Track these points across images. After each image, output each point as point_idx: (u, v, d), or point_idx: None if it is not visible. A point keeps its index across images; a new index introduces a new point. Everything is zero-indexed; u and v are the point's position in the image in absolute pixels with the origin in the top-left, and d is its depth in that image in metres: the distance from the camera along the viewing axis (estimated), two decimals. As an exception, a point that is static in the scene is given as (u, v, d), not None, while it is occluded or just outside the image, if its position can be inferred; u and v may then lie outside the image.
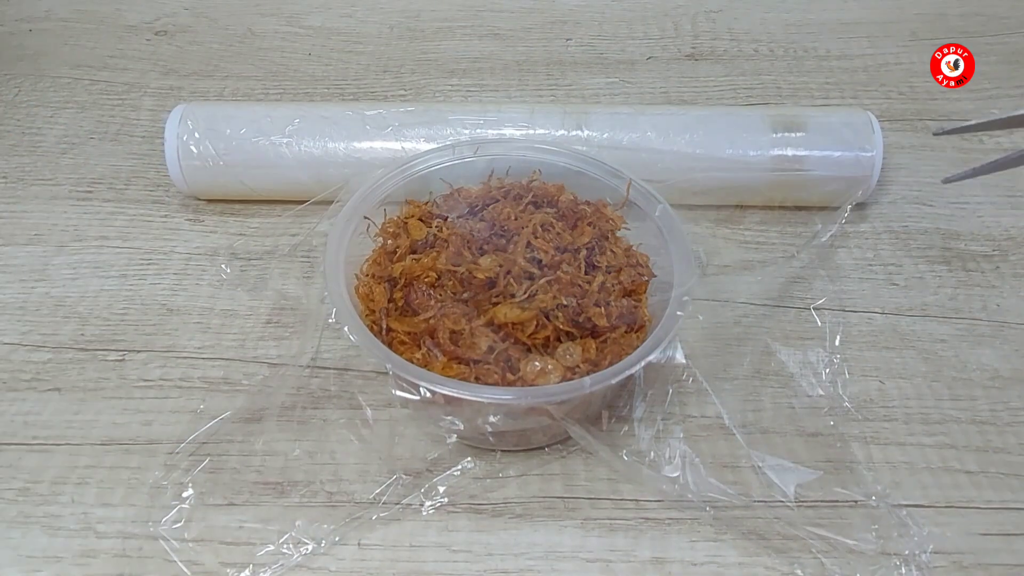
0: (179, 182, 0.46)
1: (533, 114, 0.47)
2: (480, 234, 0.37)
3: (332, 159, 0.46)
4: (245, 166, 0.46)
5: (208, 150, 0.45)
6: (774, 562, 0.32)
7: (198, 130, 0.46)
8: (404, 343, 0.34)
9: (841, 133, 0.45)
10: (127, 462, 0.36)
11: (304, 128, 0.46)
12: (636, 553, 0.33)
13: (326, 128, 0.46)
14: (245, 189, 0.47)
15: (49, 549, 0.33)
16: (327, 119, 0.46)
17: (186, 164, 0.46)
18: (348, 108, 0.47)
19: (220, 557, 0.32)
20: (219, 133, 0.46)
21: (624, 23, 0.65)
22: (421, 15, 0.66)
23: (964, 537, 0.33)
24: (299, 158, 0.46)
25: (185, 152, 0.45)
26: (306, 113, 0.47)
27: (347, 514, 0.34)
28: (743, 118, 0.46)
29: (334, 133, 0.46)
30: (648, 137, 0.45)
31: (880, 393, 0.39)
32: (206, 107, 0.47)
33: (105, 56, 0.61)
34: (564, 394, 0.31)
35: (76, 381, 0.39)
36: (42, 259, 0.45)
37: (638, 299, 0.36)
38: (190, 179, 0.46)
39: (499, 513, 0.34)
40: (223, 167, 0.46)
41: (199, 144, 0.45)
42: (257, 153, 0.46)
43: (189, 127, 0.46)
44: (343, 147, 0.46)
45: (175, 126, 0.46)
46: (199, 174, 0.46)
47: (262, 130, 0.46)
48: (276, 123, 0.46)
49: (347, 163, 0.46)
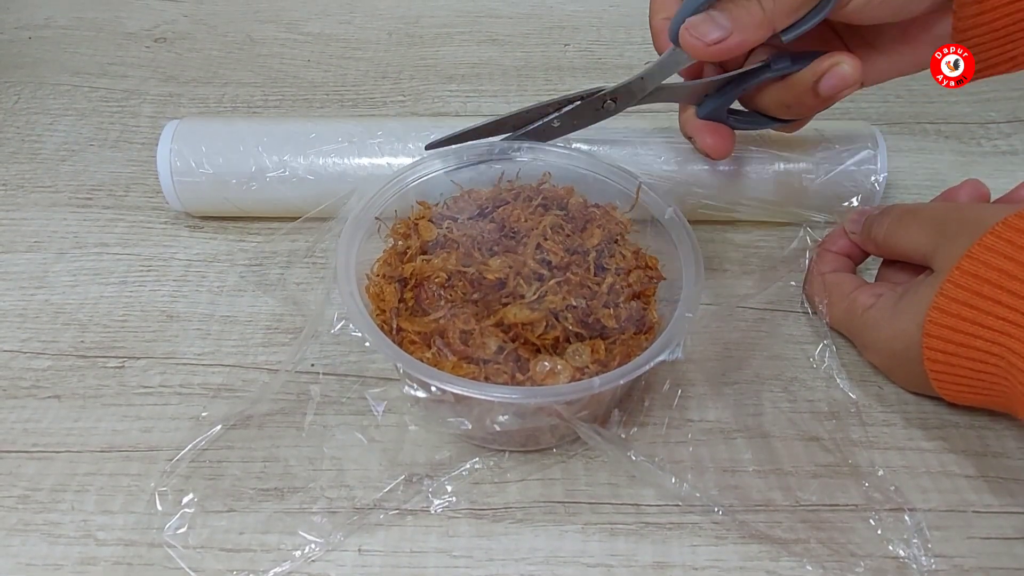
0: (172, 200, 0.46)
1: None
2: (490, 235, 0.37)
3: (328, 175, 0.45)
4: (238, 185, 0.45)
5: (201, 169, 0.44)
6: (775, 566, 0.32)
7: (190, 149, 0.44)
8: (414, 343, 0.34)
9: (844, 158, 0.45)
10: (127, 469, 0.36)
11: (300, 146, 0.45)
12: (637, 557, 0.33)
13: (322, 145, 0.45)
14: (236, 208, 0.46)
15: (49, 557, 0.33)
16: (317, 137, 0.45)
17: (179, 181, 0.45)
18: (342, 122, 0.47)
19: (222, 563, 0.32)
20: (212, 151, 0.45)
21: (622, 28, 0.65)
22: (419, 21, 0.66)
23: (964, 541, 0.33)
24: (296, 177, 0.45)
25: (178, 170, 0.44)
26: (301, 129, 0.46)
27: (348, 519, 0.34)
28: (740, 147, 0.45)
29: (328, 150, 0.45)
30: (640, 156, 0.45)
31: (879, 397, 0.39)
32: (199, 123, 0.46)
33: (105, 63, 0.61)
34: (573, 394, 0.32)
35: (76, 388, 0.39)
36: (42, 266, 0.45)
37: (647, 301, 0.36)
38: (183, 197, 0.45)
39: (500, 518, 0.34)
40: (215, 185, 0.45)
41: (192, 162, 0.44)
42: (249, 172, 0.45)
43: (180, 146, 0.44)
44: (339, 163, 0.45)
45: (168, 143, 0.45)
46: (192, 191, 0.45)
47: (255, 149, 0.45)
48: (272, 142, 0.45)
49: (344, 179, 0.45)
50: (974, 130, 0.54)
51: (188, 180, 0.45)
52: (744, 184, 0.45)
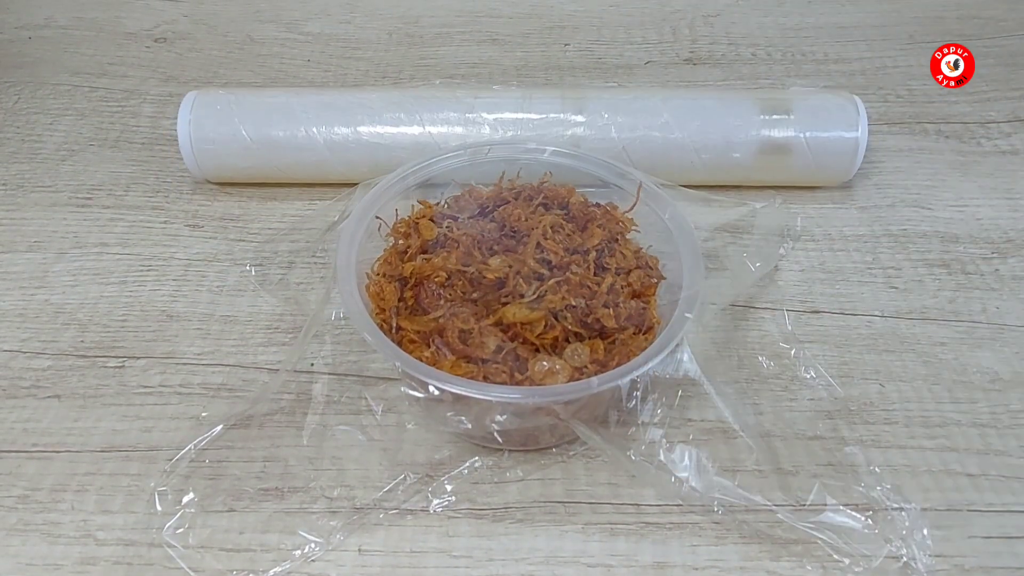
0: (191, 164, 0.48)
1: (531, 99, 0.47)
2: (490, 235, 0.37)
3: (350, 142, 0.47)
4: (262, 146, 0.47)
5: (224, 132, 0.47)
6: (776, 566, 0.32)
7: (212, 112, 0.47)
8: (414, 342, 0.34)
9: (827, 114, 0.47)
10: (127, 469, 0.36)
11: (319, 115, 0.47)
12: (637, 558, 0.33)
13: (339, 115, 0.47)
14: (259, 171, 0.48)
15: (49, 557, 0.33)
16: (330, 105, 0.48)
17: (199, 147, 0.47)
18: (348, 93, 0.49)
19: (222, 563, 0.32)
20: (234, 115, 0.47)
21: (622, 28, 0.65)
22: (420, 21, 0.66)
23: (966, 540, 0.33)
24: (319, 140, 0.47)
25: (198, 134, 0.47)
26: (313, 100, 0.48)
27: (348, 519, 0.34)
28: (733, 103, 0.48)
29: (346, 119, 0.47)
30: (641, 122, 0.47)
31: (880, 396, 0.39)
32: (219, 92, 0.49)
33: (105, 63, 0.61)
34: (571, 394, 0.31)
35: (76, 388, 0.39)
36: (42, 266, 0.45)
37: (647, 301, 0.36)
38: (201, 161, 0.48)
39: (500, 518, 0.34)
40: (237, 149, 0.47)
41: (214, 127, 0.47)
42: (274, 132, 0.47)
43: (201, 111, 0.47)
44: (354, 131, 0.47)
45: (188, 110, 0.47)
46: (211, 156, 0.47)
47: (279, 113, 0.47)
48: (294, 107, 0.47)
49: (361, 146, 0.47)
50: (974, 130, 0.54)
51: (208, 147, 0.47)
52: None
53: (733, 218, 0.46)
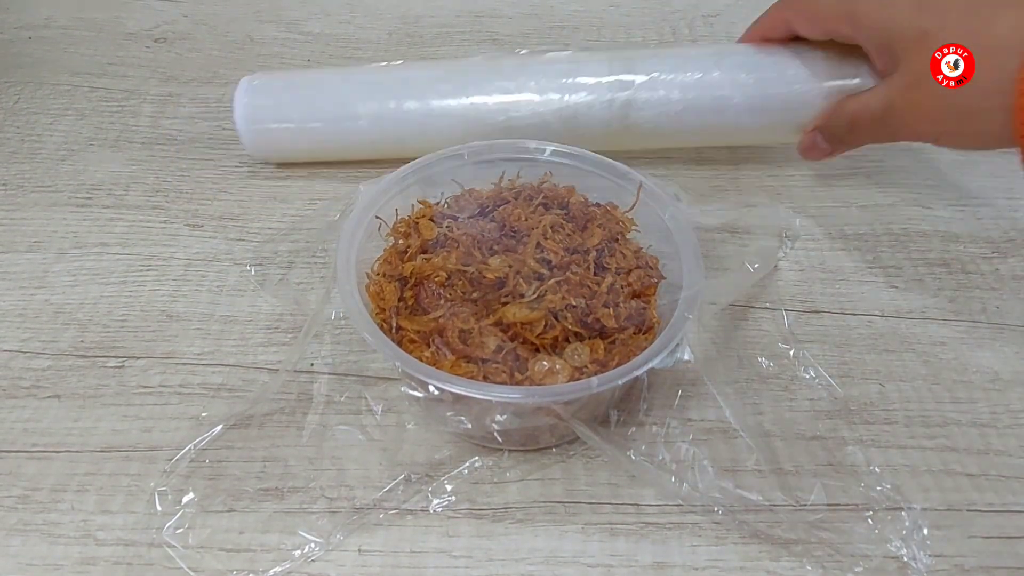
0: (248, 143, 0.49)
1: (578, 63, 0.47)
2: (490, 234, 0.37)
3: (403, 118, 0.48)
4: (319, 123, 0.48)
5: (279, 114, 0.48)
6: (776, 566, 0.32)
7: (267, 93, 0.49)
8: (414, 341, 0.34)
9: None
10: (127, 469, 0.36)
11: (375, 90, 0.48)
12: (637, 558, 0.33)
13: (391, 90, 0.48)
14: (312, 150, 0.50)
15: (49, 557, 0.33)
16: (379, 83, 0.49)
17: (255, 128, 0.48)
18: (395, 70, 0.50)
19: (222, 563, 0.32)
20: (290, 96, 0.49)
21: (622, 28, 0.65)
22: (420, 21, 0.66)
23: (966, 540, 0.33)
24: (374, 115, 0.48)
25: (254, 114, 0.48)
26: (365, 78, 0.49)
27: (348, 519, 0.34)
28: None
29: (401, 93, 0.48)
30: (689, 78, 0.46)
31: (881, 396, 0.39)
32: (271, 76, 0.50)
33: (104, 63, 0.61)
34: (571, 394, 0.31)
35: (76, 388, 0.39)
36: (42, 266, 0.45)
37: (647, 301, 0.36)
38: (258, 143, 0.49)
39: (500, 518, 0.34)
40: (292, 130, 0.48)
41: (271, 111, 0.48)
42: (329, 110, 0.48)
43: (255, 95, 0.48)
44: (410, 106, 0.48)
45: (244, 92, 0.48)
46: (267, 137, 0.49)
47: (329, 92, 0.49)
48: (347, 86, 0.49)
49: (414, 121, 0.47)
50: (975, 129, 0.54)
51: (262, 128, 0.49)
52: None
53: (733, 218, 0.46)
